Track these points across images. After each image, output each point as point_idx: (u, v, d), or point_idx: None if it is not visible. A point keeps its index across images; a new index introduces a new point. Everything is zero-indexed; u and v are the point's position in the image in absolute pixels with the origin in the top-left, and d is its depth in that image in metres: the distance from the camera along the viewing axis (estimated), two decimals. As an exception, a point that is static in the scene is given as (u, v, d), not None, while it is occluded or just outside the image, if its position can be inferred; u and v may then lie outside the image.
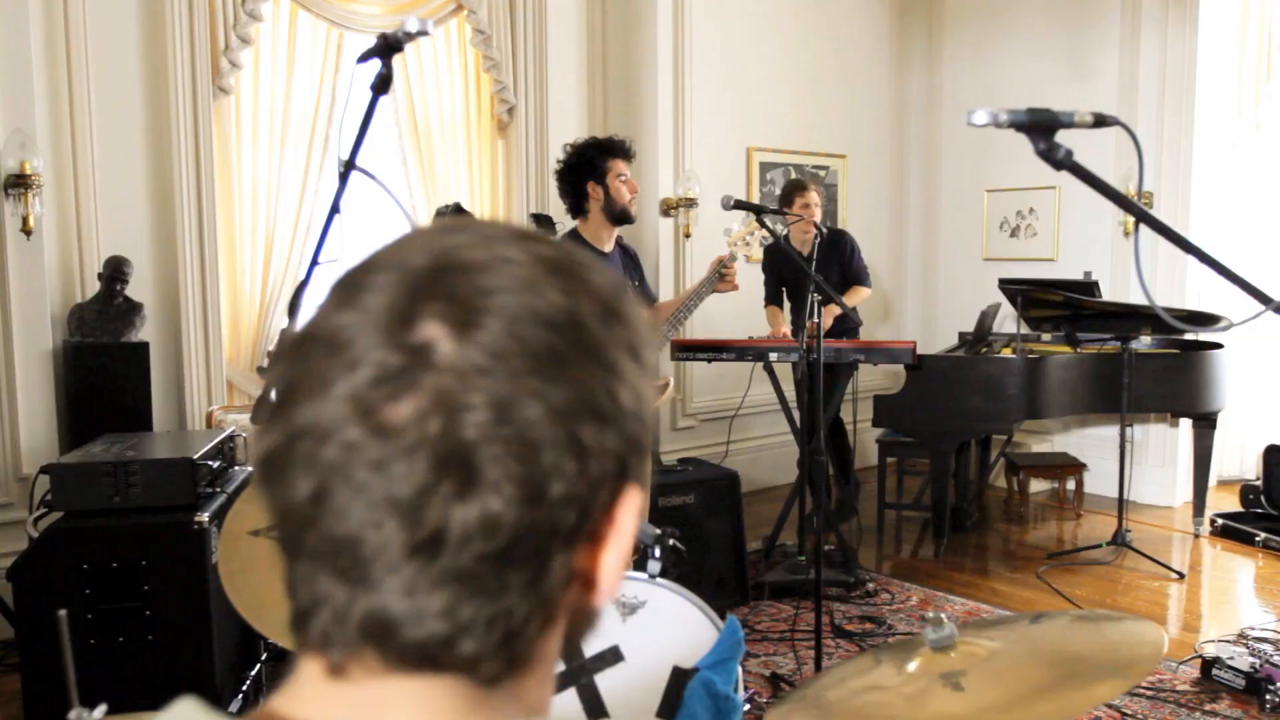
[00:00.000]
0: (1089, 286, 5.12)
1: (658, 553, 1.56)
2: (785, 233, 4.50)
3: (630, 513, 0.59)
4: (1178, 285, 5.85)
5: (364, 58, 1.50)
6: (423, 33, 1.43)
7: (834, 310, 4.95)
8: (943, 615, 1.50)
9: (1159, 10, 5.91)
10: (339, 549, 0.52)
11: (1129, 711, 3.45)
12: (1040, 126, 1.29)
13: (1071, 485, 6.18)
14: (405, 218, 1.79)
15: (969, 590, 4.69)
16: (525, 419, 0.52)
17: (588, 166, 3.40)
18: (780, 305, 5.35)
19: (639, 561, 1.50)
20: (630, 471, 0.58)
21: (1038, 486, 6.38)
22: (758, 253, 5.57)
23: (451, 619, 0.53)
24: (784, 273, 5.26)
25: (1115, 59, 6.15)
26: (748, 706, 3.47)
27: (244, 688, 3.17)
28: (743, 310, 5.56)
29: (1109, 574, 4.92)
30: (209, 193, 4.62)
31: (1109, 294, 5.96)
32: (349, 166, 1.51)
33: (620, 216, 3.47)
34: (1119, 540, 5.10)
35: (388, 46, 1.43)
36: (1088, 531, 5.62)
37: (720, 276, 3.54)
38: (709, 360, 4.92)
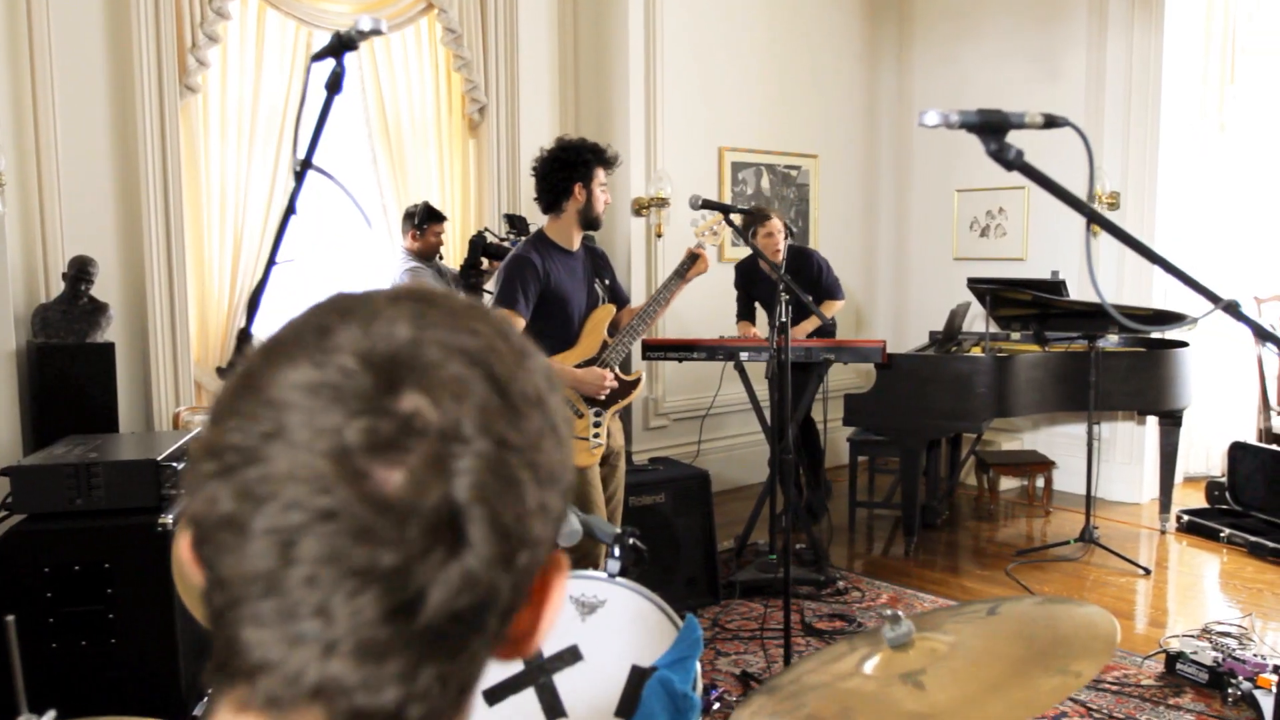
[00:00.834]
0: (1056, 286, 5.16)
1: (617, 552, 1.57)
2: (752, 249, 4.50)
3: (563, 578, 0.61)
4: (1144, 284, 5.91)
5: (318, 56, 1.49)
6: (376, 31, 1.42)
7: (808, 327, 5.00)
8: (900, 613, 1.51)
9: (1125, 12, 5.97)
10: (301, 617, 0.51)
11: (1094, 706, 3.48)
12: (991, 127, 1.31)
13: (1041, 483, 6.23)
14: (363, 219, 1.78)
15: (939, 588, 4.72)
16: (513, 480, 0.54)
17: (581, 167, 3.41)
18: (752, 320, 5.37)
19: (581, 559, 1.50)
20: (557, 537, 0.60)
21: (1008, 484, 6.43)
22: (727, 244, 5.60)
23: (408, 683, 0.52)
24: (755, 290, 5.30)
25: (1083, 60, 6.21)
26: (718, 705, 3.48)
27: (209, 692, 3.14)
28: (714, 310, 5.58)
29: (1077, 570, 4.96)
30: (176, 192, 4.58)
31: (1077, 293, 6.01)
32: (305, 166, 1.49)
33: (593, 222, 3.51)
34: (1086, 537, 5.15)
35: (341, 45, 1.42)
36: (1056, 528, 5.67)
37: (692, 261, 3.56)
38: (680, 360, 4.93)
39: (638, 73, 5.91)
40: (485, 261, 5.16)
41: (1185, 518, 5.56)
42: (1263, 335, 1.48)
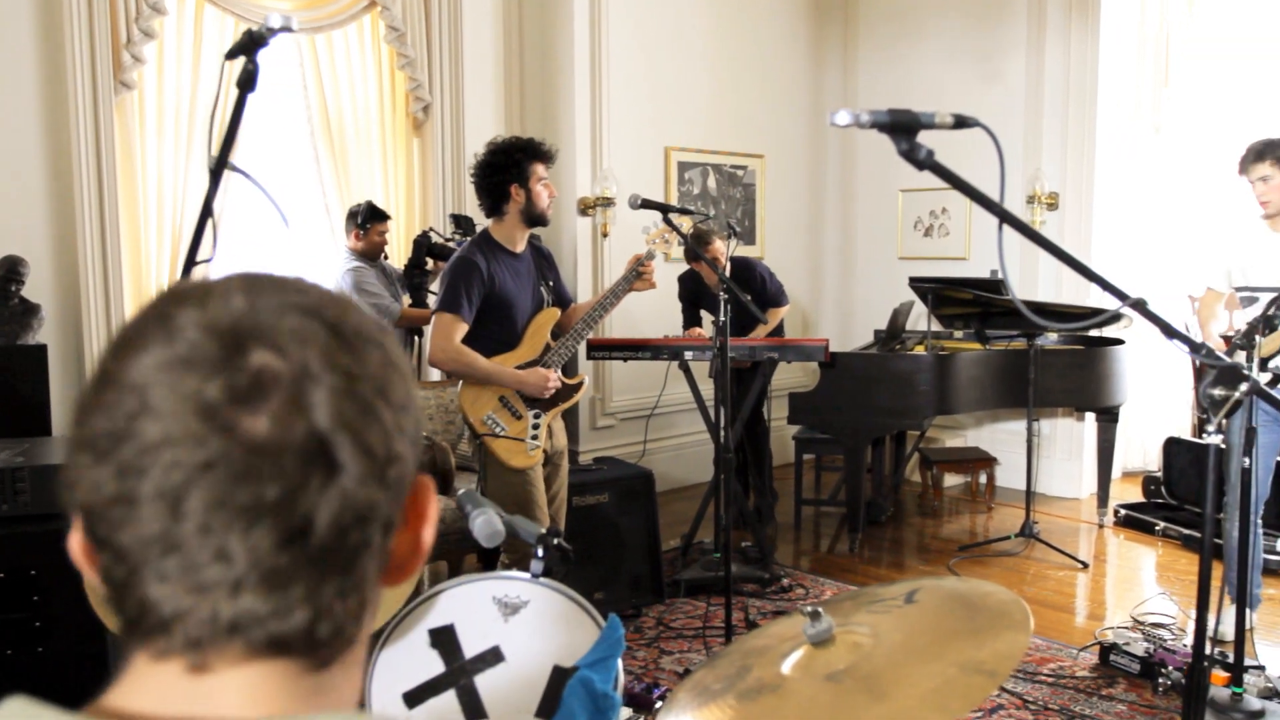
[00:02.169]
0: (996, 285, 5.23)
1: (541, 552, 1.56)
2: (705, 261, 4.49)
3: (434, 498, 0.66)
4: (1083, 284, 6.01)
5: (231, 54, 1.47)
6: (285, 29, 1.41)
7: (759, 335, 5.04)
8: (820, 609, 1.53)
9: (1062, 16, 6.07)
10: (202, 565, 0.55)
11: (1031, 699, 3.54)
12: (902, 127, 1.33)
13: (984, 479, 6.32)
14: (280, 217, 1.76)
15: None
16: (368, 405, 0.59)
17: (513, 168, 3.35)
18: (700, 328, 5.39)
19: (521, 561, 1.50)
20: (419, 463, 0.65)
21: (951, 480, 6.52)
22: (676, 250, 5.60)
23: (314, 602, 0.57)
24: (703, 301, 5.32)
25: (1022, 62, 6.31)
26: (660, 704, 3.48)
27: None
28: (661, 309, 5.59)
29: (1017, 565, 5.04)
30: (111, 191, 4.50)
31: (1018, 292, 6.11)
32: (220, 165, 1.47)
33: (537, 220, 3.44)
34: (1027, 532, 5.24)
35: (253, 42, 1.40)
36: (998, 523, 5.76)
37: (638, 275, 3.54)
38: (625, 359, 4.94)
39: (583, 71, 5.90)
40: (430, 261, 5.13)
41: (1122, 512, 5.68)
42: (1170, 333, 1.52)
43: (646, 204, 3.49)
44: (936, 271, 6.02)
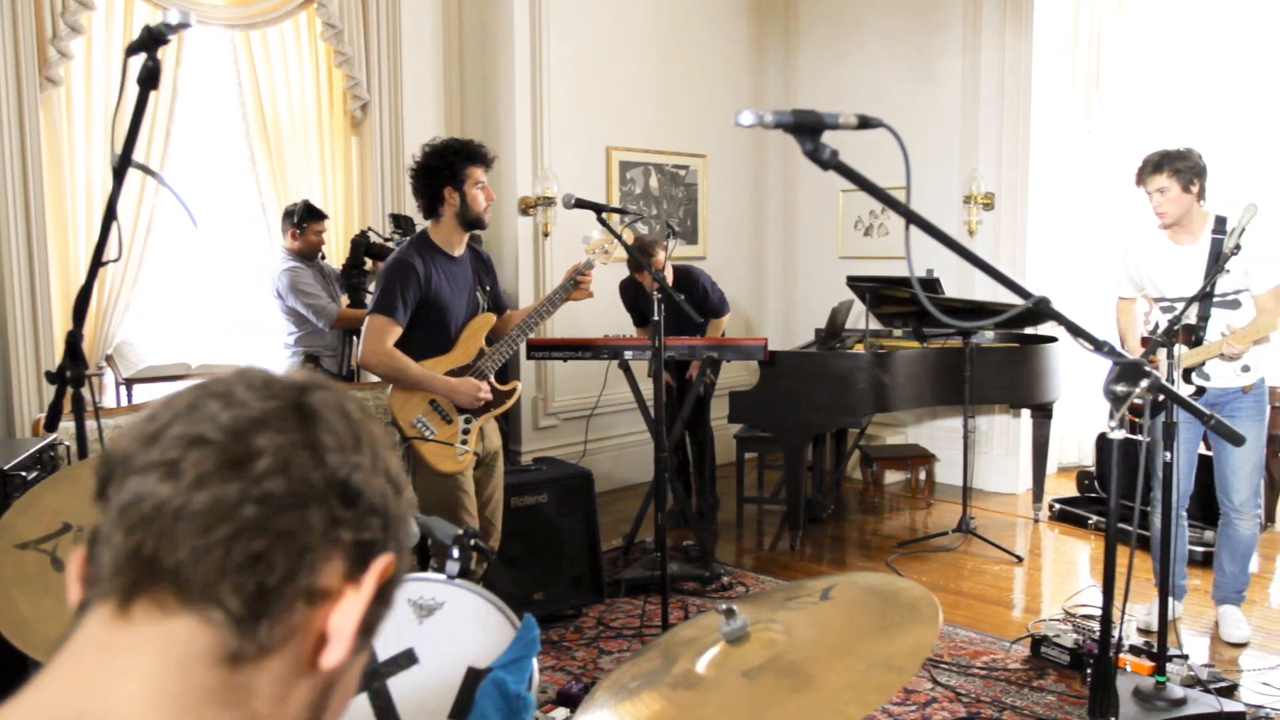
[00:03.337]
0: (932, 284, 5.31)
1: (456, 553, 1.55)
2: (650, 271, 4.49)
3: (372, 581, 0.72)
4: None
5: (130, 51, 1.44)
6: (184, 25, 1.38)
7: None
8: (734, 607, 1.53)
9: (997, 18, 6.17)
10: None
11: (964, 691, 3.59)
12: (806, 128, 1.33)
13: (924, 475, 6.40)
14: (189, 217, 1.73)
15: (821, 580, 4.80)
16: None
17: (446, 171, 3.30)
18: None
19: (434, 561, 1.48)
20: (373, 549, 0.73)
21: (892, 477, 6.59)
22: (617, 259, 5.61)
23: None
24: (646, 307, 5.32)
25: (959, 63, 6.39)
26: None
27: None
28: (603, 309, 5.59)
29: (954, 560, 5.11)
30: (37, 190, 4.40)
31: (955, 291, 6.20)
32: (123, 164, 1.44)
33: (474, 223, 3.41)
34: (964, 527, 5.32)
35: (152, 39, 1.38)
36: (937, 519, 5.83)
37: (575, 284, 3.53)
38: (564, 359, 4.93)
39: (523, 70, 5.88)
40: (369, 261, 5.08)
41: (1057, 506, 5.78)
42: (1074, 331, 1.55)
43: (581, 204, 3.47)
44: (877, 270, 6.09)
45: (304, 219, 4.87)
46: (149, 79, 1.42)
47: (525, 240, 5.97)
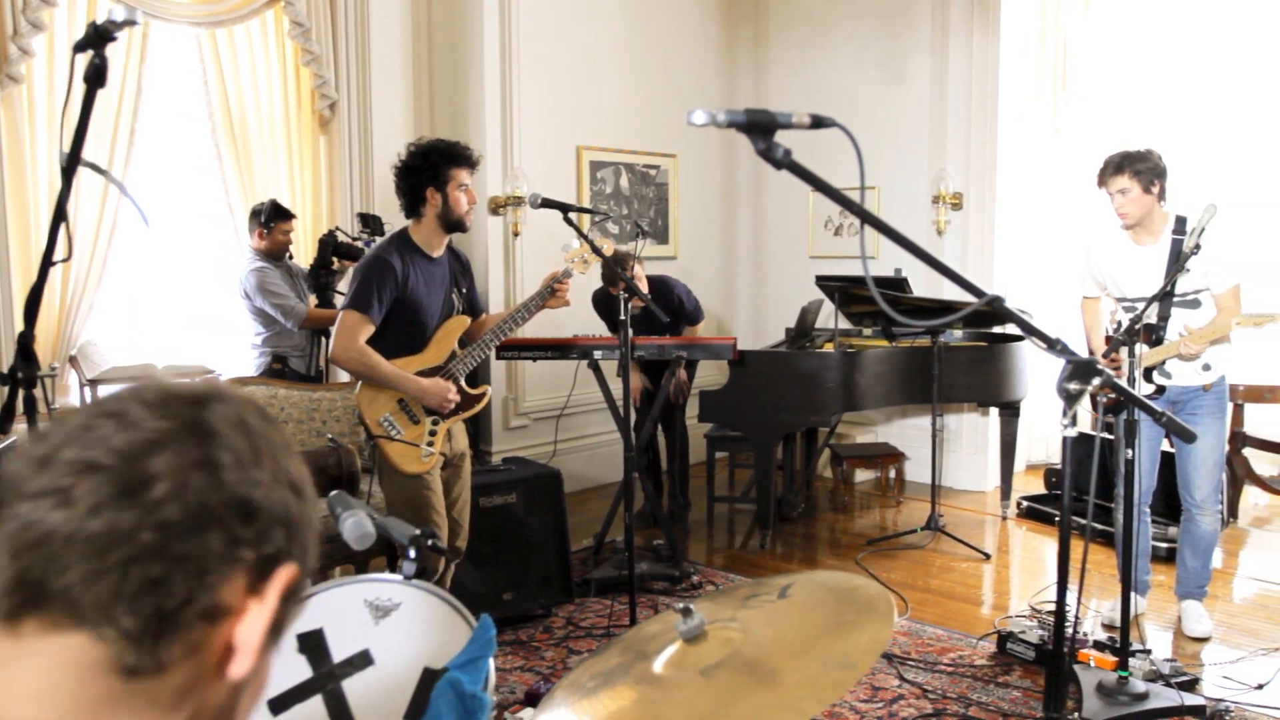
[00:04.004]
0: (899, 283, 5.33)
1: (413, 554, 1.55)
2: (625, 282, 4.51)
3: (275, 592, 0.72)
4: (985, 283, 6.14)
5: (78, 48, 1.43)
6: (130, 22, 1.37)
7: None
8: (691, 605, 1.54)
9: (965, 20, 6.21)
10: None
11: (930, 688, 3.61)
12: (759, 127, 1.34)
13: (893, 474, 6.44)
14: (140, 216, 1.72)
15: (791, 579, 4.82)
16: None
17: (430, 171, 3.28)
18: None
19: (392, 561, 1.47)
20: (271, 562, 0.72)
21: (862, 476, 6.62)
22: (595, 271, 5.62)
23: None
24: (615, 314, 5.32)
25: (927, 65, 6.43)
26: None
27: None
28: (576, 310, 5.57)
29: (923, 557, 5.14)
30: (-2, 188, 4.35)
31: (924, 290, 6.23)
32: (72, 163, 1.43)
33: (455, 225, 3.39)
34: (933, 525, 5.35)
35: (99, 36, 1.36)
36: (907, 517, 5.87)
37: (552, 292, 3.54)
38: (534, 359, 4.92)
39: (493, 69, 5.86)
40: (336, 261, 5.05)
41: (1024, 504, 5.83)
42: (1026, 329, 1.56)
43: (547, 203, 3.47)
44: (847, 270, 6.11)
45: (271, 218, 4.84)
46: (96, 76, 1.41)
47: (495, 240, 5.95)
